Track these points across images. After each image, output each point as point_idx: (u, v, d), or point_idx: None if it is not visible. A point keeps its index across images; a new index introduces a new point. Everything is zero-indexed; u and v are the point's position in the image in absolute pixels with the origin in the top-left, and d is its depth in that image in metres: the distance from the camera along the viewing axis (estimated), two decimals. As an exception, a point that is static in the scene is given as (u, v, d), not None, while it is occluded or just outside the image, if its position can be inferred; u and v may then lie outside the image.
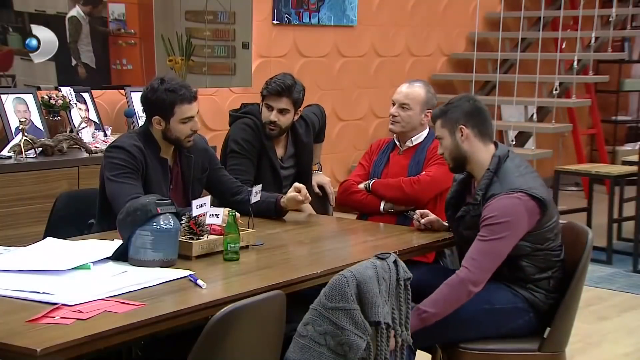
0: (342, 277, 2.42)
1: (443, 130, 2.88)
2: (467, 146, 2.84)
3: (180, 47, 5.05)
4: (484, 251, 2.72)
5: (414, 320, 2.65)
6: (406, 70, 6.65)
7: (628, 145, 8.50)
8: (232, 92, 5.45)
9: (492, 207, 2.73)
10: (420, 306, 2.70)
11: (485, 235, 2.72)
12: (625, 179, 5.90)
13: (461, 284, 2.69)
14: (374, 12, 6.37)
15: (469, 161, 2.87)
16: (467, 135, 2.84)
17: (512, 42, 7.27)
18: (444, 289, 2.71)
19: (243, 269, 2.58)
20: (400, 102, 3.45)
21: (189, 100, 2.99)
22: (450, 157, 2.89)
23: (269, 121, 3.49)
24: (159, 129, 3.01)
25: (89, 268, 2.43)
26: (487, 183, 2.80)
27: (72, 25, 4.55)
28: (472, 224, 2.82)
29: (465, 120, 2.84)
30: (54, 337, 1.91)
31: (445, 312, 2.70)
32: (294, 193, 3.18)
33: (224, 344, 2.08)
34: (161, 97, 2.96)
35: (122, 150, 2.95)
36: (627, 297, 4.97)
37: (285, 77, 3.50)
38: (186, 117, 2.99)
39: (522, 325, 2.82)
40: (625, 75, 8.81)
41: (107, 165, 2.96)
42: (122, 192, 2.87)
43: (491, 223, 2.71)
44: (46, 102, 4.28)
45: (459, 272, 2.71)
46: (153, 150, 3.00)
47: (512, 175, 2.79)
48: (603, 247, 5.57)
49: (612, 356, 4.04)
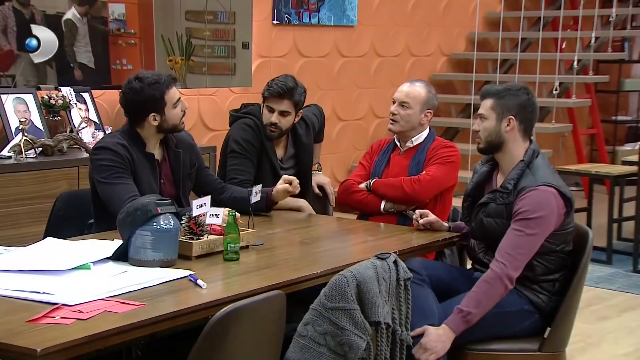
0: (342, 277, 2.42)
1: (491, 112, 2.85)
2: (508, 136, 2.84)
3: (180, 47, 5.06)
4: (519, 246, 2.71)
5: (459, 323, 2.66)
6: (406, 70, 6.65)
7: (628, 145, 8.50)
8: (232, 92, 5.45)
9: (529, 200, 2.73)
10: (463, 307, 2.68)
11: (520, 229, 2.71)
12: (625, 179, 5.90)
13: (499, 279, 2.69)
14: (373, 12, 6.37)
15: (502, 150, 2.86)
16: (513, 127, 2.83)
17: (512, 42, 7.27)
18: (482, 286, 2.70)
19: (243, 269, 2.58)
20: (400, 100, 3.45)
21: (171, 85, 3.02)
22: (485, 139, 2.87)
23: (269, 123, 3.49)
24: (154, 125, 2.99)
25: (89, 268, 2.43)
26: (519, 174, 2.80)
27: (68, 28, 4.55)
28: (496, 212, 2.81)
29: (516, 112, 2.83)
30: (54, 337, 1.91)
31: (487, 309, 2.70)
32: (285, 185, 3.21)
33: (224, 344, 2.08)
34: (150, 94, 2.94)
35: (107, 150, 2.93)
36: (627, 297, 4.96)
37: (286, 79, 3.50)
38: (176, 99, 3.01)
39: (528, 326, 2.82)
40: (625, 75, 8.81)
41: (95, 168, 2.95)
42: (116, 193, 2.87)
43: (527, 217, 2.71)
44: (46, 102, 4.28)
45: (495, 267, 2.70)
46: (138, 146, 2.99)
47: (543, 171, 2.81)
48: (603, 247, 5.57)
49: (612, 356, 4.04)
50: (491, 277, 2.70)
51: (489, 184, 2.95)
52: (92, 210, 3.05)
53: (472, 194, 2.97)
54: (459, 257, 3.34)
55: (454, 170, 3.46)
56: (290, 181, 3.23)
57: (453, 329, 2.68)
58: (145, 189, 2.92)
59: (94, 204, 3.02)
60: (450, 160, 3.43)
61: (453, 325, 2.68)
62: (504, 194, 2.81)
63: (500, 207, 2.81)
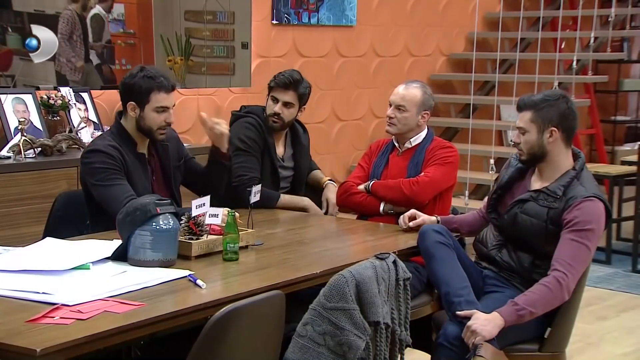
0: (341, 277, 2.42)
1: (531, 125, 2.81)
2: (551, 147, 2.81)
3: (180, 47, 5.06)
4: (580, 258, 2.70)
5: (511, 313, 2.64)
6: (405, 70, 6.65)
7: (627, 145, 8.50)
8: (232, 92, 5.45)
9: (584, 210, 2.71)
10: (519, 302, 2.66)
11: (579, 240, 2.70)
12: (624, 179, 5.90)
13: (562, 289, 2.67)
14: (373, 12, 6.37)
15: (546, 160, 2.84)
16: (555, 138, 2.80)
17: (512, 42, 7.27)
18: (543, 290, 2.67)
19: (242, 269, 2.58)
20: (396, 103, 3.45)
21: (165, 90, 2.98)
22: (528, 152, 2.84)
23: (273, 113, 3.54)
24: (132, 117, 2.99)
25: (89, 268, 2.43)
26: (569, 182, 2.78)
27: (96, 24, 4.57)
28: (535, 212, 2.80)
29: (558, 122, 2.79)
30: (54, 337, 1.91)
31: (539, 313, 2.69)
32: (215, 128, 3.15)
33: (223, 344, 2.08)
34: (138, 83, 2.96)
35: (99, 152, 2.92)
36: (626, 297, 4.97)
37: (293, 72, 3.60)
38: (160, 105, 2.97)
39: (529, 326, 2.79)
40: (624, 75, 8.81)
41: (88, 171, 2.93)
42: (113, 194, 2.86)
43: (583, 228, 2.70)
44: (45, 102, 4.28)
45: (559, 276, 2.67)
46: (129, 147, 2.99)
47: (592, 182, 2.81)
48: (602, 247, 5.57)
49: (611, 356, 4.05)
50: (554, 284, 2.67)
51: (521, 181, 2.93)
52: (87, 213, 3.05)
53: (504, 187, 2.94)
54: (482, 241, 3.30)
55: (452, 170, 3.45)
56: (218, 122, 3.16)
57: (504, 317, 2.64)
58: (139, 189, 2.92)
59: (88, 206, 3.01)
60: (449, 161, 3.43)
61: (505, 314, 2.65)
62: (551, 198, 2.78)
63: (542, 209, 2.79)
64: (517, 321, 2.66)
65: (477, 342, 2.59)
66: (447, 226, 3.03)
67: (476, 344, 2.60)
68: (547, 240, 2.77)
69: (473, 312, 2.66)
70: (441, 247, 2.79)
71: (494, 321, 2.63)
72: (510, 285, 2.88)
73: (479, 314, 2.65)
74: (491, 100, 6.55)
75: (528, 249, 2.86)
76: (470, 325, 2.62)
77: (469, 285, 2.75)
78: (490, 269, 2.94)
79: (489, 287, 2.91)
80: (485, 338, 2.61)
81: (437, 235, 2.83)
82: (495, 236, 2.96)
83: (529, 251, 2.86)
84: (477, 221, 3.13)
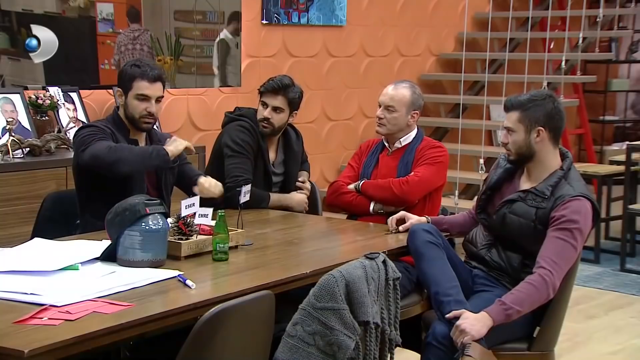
0: (331, 277, 2.42)
1: (518, 125, 2.82)
2: (539, 147, 2.82)
3: (169, 46, 5.05)
4: (564, 255, 2.71)
5: (499, 312, 2.64)
6: (395, 70, 6.66)
7: (615, 145, 8.53)
8: (221, 92, 5.44)
9: (571, 209, 2.72)
10: (506, 302, 2.66)
11: (564, 237, 2.71)
12: (612, 178, 5.93)
13: (546, 286, 2.68)
14: (363, 12, 6.37)
15: (533, 160, 2.84)
16: (543, 138, 2.81)
17: (501, 42, 7.29)
18: (529, 288, 2.68)
19: (232, 269, 2.58)
20: (385, 104, 3.46)
21: (148, 79, 3.05)
22: (515, 152, 2.85)
23: (262, 118, 3.54)
24: (121, 103, 3.11)
25: (77, 268, 2.42)
26: (557, 181, 2.79)
27: None
28: (523, 212, 2.80)
29: (544, 122, 2.80)
30: (42, 338, 1.90)
31: (526, 311, 2.69)
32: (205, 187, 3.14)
33: (212, 344, 2.08)
34: (125, 70, 3.10)
35: (92, 127, 3.06)
36: (615, 296, 4.99)
37: (284, 77, 3.60)
38: (141, 93, 3.05)
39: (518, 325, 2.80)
40: (613, 75, 8.85)
41: (79, 142, 2.99)
42: (99, 143, 2.91)
43: (569, 227, 2.71)
44: (34, 102, 4.26)
45: (544, 274, 2.68)
46: (123, 133, 3.08)
47: (580, 182, 2.81)
48: (591, 247, 5.59)
49: (600, 355, 4.06)
50: (539, 282, 2.68)
51: (510, 182, 2.94)
52: (77, 201, 3.06)
53: (493, 187, 2.95)
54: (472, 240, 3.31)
55: (442, 170, 3.46)
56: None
57: (493, 317, 2.65)
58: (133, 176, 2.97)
59: (79, 194, 3.05)
60: (439, 160, 3.44)
61: (493, 313, 2.65)
62: (539, 198, 2.79)
63: (531, 209, 2.79)
64: (505, 320, 2.67)
65: (466, 342, 2.60)
66: (437, 227, 3.03)
67: (465, 343, 2.60)
68: (536, 240, 2.78)
69: (462, 312, 2.66)
70: (431, 246, 2.79)
71: (483, 320, 2.64)
72: (500, 284, 2.88)
73: (468, 314, 2.65)
74: (481, 100, 6.56)
75: (517, 249, 2.87)
76: (459, 324, 2.63)
77: (458, 284, 2.76)
78: (480, 268, 2.95)
79: (478, 286, 2.92)
80: (474, 337, 2.61)
81: (426, 234, 2.83)
82: (484, 236, 2.97)
83: (518, 251, 2.86)
84: (467, 222, 3.14)
